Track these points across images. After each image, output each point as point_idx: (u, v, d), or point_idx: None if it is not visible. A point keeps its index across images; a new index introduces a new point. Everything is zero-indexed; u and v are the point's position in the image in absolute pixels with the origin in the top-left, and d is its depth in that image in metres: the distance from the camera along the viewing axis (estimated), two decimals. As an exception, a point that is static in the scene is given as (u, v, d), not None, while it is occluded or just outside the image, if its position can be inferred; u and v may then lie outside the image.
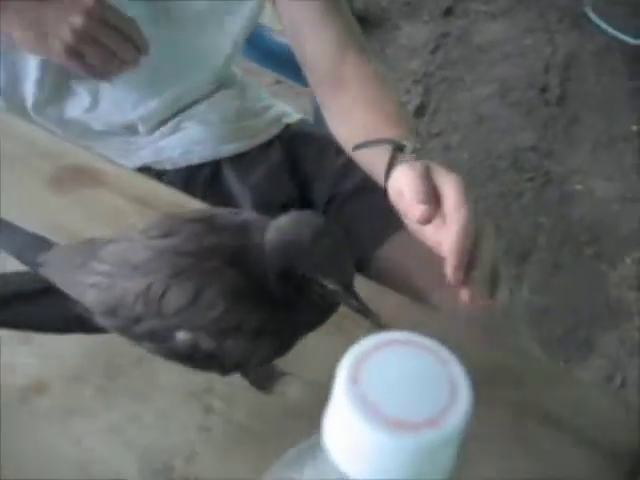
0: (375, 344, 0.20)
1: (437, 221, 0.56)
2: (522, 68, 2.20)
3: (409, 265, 0.78)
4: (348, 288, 0.44)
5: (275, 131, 0.94)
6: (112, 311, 0.46)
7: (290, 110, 0.98)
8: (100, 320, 0.47)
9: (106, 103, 0.85)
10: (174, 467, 0.48)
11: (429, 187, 0.57)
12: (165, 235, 0.46)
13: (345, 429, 0.19)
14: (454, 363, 0.21)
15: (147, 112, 0.86)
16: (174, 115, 0.89)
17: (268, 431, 0.51)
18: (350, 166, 0.90)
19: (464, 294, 0.54)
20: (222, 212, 0.49)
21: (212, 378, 0.53)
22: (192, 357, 0.45)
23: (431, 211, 0.56)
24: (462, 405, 0.19)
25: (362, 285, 0.62)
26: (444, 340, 0.58)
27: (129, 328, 0.46)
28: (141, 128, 0.87)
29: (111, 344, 0.54)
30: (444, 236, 0.55)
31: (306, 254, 0.43)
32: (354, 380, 0.19)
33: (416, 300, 0.66)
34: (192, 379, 0.53)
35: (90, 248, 0.48)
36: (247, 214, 0.48)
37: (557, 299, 1.72)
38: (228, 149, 0.91)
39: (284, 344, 0.47)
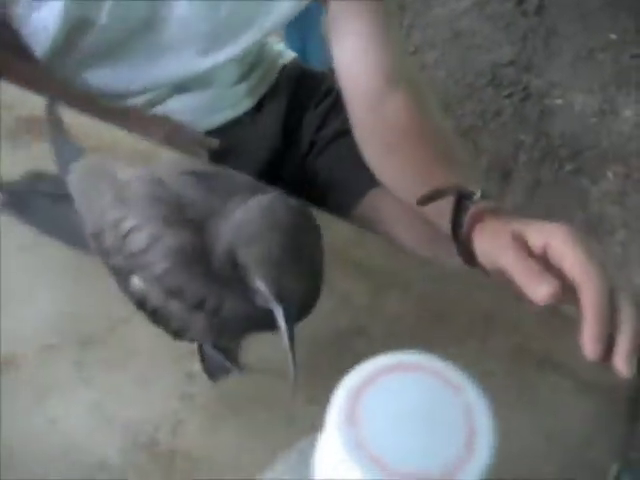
0: (375, 371, 0.17)
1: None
2: (498, -22, 2.12)
3: (393, 220, 0.75)
4: (283, 300, 0.38)
5: (271, 79, 0.89)
6: (96, 235, 0.46)
7: (283, 47, 0.93)
8: (89, 239, 0.47)
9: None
10: (159, 440, 0.46)
11: (536, 261, 0.52)
12: (159, 181, 0.44)
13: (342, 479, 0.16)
14: (470, 390, 0.17)
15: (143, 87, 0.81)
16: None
17: (254, 394, 0.49)
18: (333, 109, 0.87)
19: (621, 367, 0.50)
20: (220, 173, 0.46)
21: (192, 342, 0.50)
22: (143, 308, 0.44)
23: (557, 288, 0.51)
24: (483, 449, 0.16)
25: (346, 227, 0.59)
26: (432, 288, 0.56)
27: (104, 257, 0.46)
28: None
29: (82, 311, 0.52)
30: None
31: (250, 241, 0.39)
32: (350, 420, 0.16)
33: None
34: (170, 343, 0.50)
35: (111, 168, 0.48)
36: (242, 182, 0.45)
37: (539, 217, 1.70)
38: (221, 117, 0.85)
39: (221, 332, 0.44)
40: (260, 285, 0.38)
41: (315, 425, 0.48)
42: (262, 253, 0.39)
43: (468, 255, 0.59)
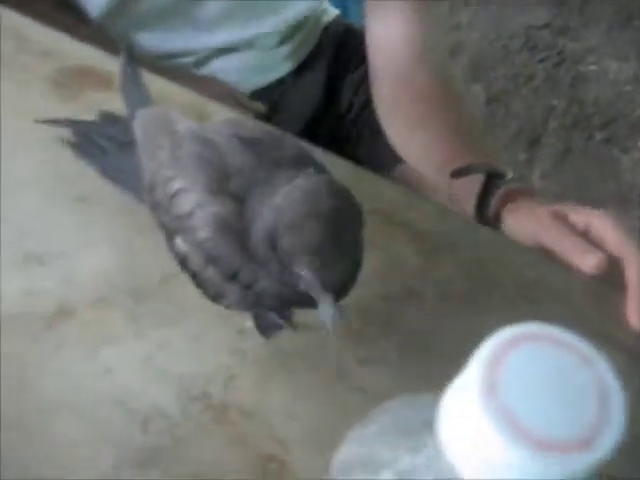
0: (508, 340, 0.17)
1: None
2: (536, -63, 2.07)
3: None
4: (328, 288, 0.39)
5: (315, 38, 0.89)
6: (150, 188, 0.46)
7: (326, 4, 0.92)
8: (145, 190, 0.47)
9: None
10: (212, 393, 0.46)
11: (578, 236, 0.56)
12: (209, 143, 0.44)
13: (481, 446, 0.16)
14: (601, 363, 0.18)
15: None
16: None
17: (304, 349, 0.49)
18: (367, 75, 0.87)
19: None
20: (270, 136, 0.45)
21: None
22: (184, 268, 0.45)
23: (603, 259, 0.54)
24: (616, 420, 0.16)
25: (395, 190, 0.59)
26: (483, 252, 0.56)
27: (154, 211, 0.46)
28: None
29: (135, 264, 0.52)
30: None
31: (293, 229, 0.39)
32: (491, 388, 0.16)
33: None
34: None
35: (172, 120, 0.48)
36: (289, 150, 0.44)
37: (568, 185, 1.69)
38: (265, 78, 0.85)
39: (255, 305, 0.45)
40: (305, 274, 0.39)
41: (364, 386, 0.48)
42: (306, 241, 0.39)
43: None
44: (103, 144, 0.52)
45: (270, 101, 0.84)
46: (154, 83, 0.64)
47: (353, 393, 0.48)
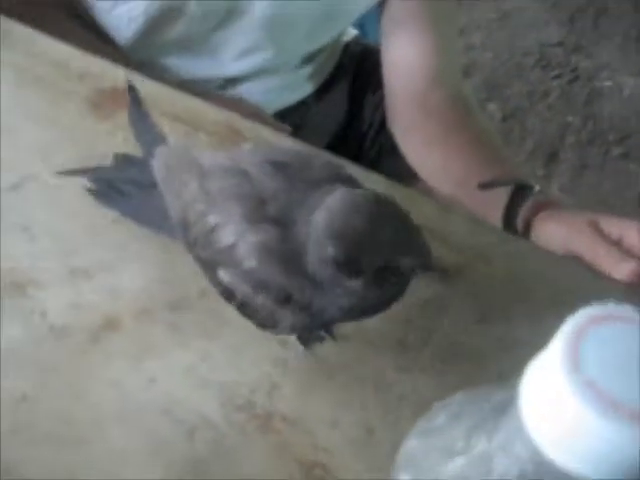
0: (589, 319, 0.18)
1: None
2: (547, -43, 2.09)
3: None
4: (426, 264, 0.41)
5: (335, 59, 0.90)
6: (183, 227, 0.46)
7: None
8: (176, 228, 0.47)
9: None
10: (256, 402, 0.47)
11: (613, 245, 0.56)
12: (242, 173, 0.45)
13: (568, 422, 0.17)
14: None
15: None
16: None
17: (344, 359, 0.50)
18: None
19: None
20: (299, 157, 0.46)
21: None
22: (230, 299, 0.45)
23: (638, 268, 0.55)
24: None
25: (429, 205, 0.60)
26: (514, 263, 0.57)
27: (190, 248, 0.46)
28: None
29: (172, 276, 0.53)
30: None
31: (374, 246, 0.40)
32: (575, 364, 0.17)
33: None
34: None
35: (194, 155, 0.48)
36: (320, 168, 0.45)
37: (585, 200, 1.70)
38: (287, 99, 0.86)
39: (310, 327, 0.45)
40: (407, 265, 0.41)
41: (403, 393, 0.49)
42: (391, 245, 0.40)
43: None
44: (123, 188, 0.52)
45: (292, 122, 0.86)
46: (185, 102, 0.66)
47: (393, 401, 0.48)
